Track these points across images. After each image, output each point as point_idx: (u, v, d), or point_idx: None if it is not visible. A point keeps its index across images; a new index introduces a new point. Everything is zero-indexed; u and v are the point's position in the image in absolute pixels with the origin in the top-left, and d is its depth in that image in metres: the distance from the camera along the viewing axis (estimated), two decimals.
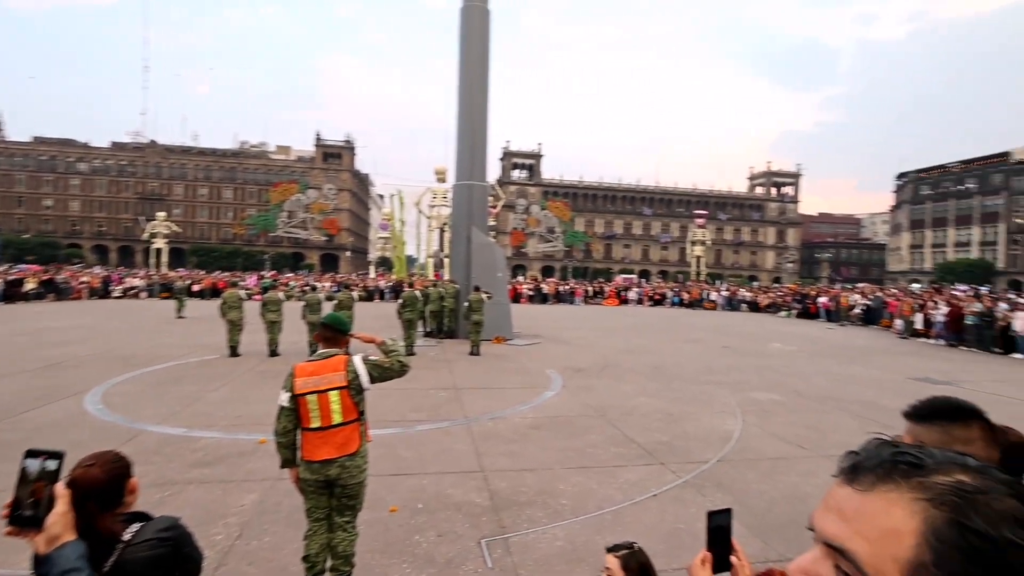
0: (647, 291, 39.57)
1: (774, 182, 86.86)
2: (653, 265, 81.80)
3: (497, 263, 16.37)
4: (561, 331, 18.30)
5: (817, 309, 27.22)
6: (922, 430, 1.41)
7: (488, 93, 16.51)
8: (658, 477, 5.25)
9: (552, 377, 10.06)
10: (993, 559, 0.45)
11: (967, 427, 1.39)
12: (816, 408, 8.23)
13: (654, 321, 24.00)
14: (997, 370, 12.73)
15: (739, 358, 13.20)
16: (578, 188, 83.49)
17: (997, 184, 67.54)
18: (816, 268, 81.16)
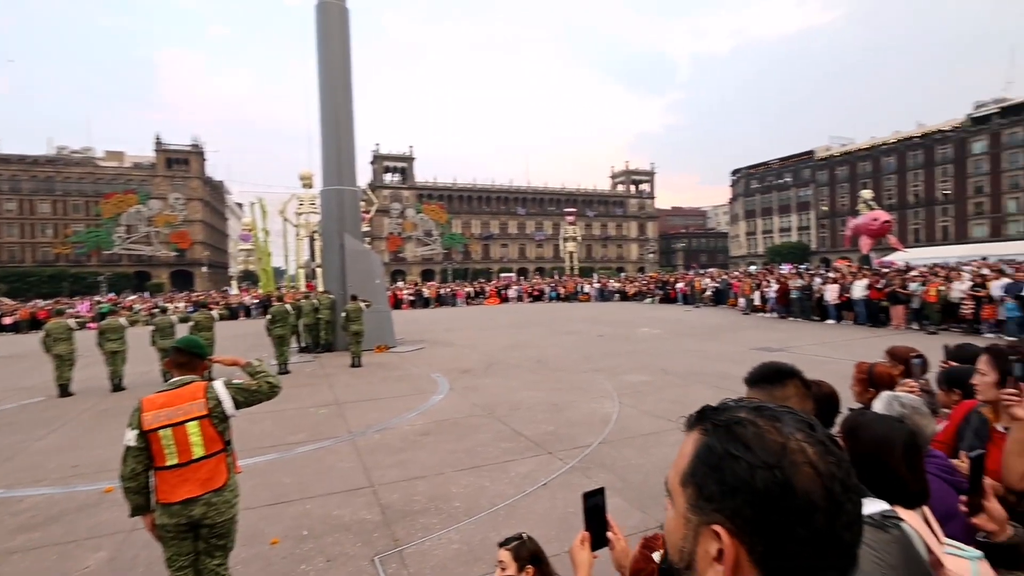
0: (526, 288, 40.81)
1: (633, 180, 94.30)
2: (530, 262, 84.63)
3: (374, 270, 15.85)
4: (445, 334, 18.22)
5: (676, 294, 30.02)
6: (754, 392, 1.74)
7: (352, 94, 15.91)
8: (547, 466, 5.43)
9: (438, 381, 9.98)
10: (716, 465, 0.63)
11: (784, 387, 1.72)
12: (680, 384, 9.07)
13: (534, 316, 24.82)
14: (817, 335, 15.02)
15: (613, 345, 14.12)
16: (453, 190, 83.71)
17: (807, 178, 79.73)
18: (673, 257, 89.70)
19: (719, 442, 0.64)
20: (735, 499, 0.61)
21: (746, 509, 0.60)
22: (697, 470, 0.66)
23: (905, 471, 1.58)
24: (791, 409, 0.68)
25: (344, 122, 15.60)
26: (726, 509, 0.62)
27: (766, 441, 0.62)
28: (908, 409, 2.06)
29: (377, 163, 79.11)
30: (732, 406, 0.69)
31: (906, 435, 1.66)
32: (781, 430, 0.63)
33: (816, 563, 0.60)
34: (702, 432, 0.68)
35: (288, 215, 42.64)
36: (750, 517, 0.60)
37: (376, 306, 14.31)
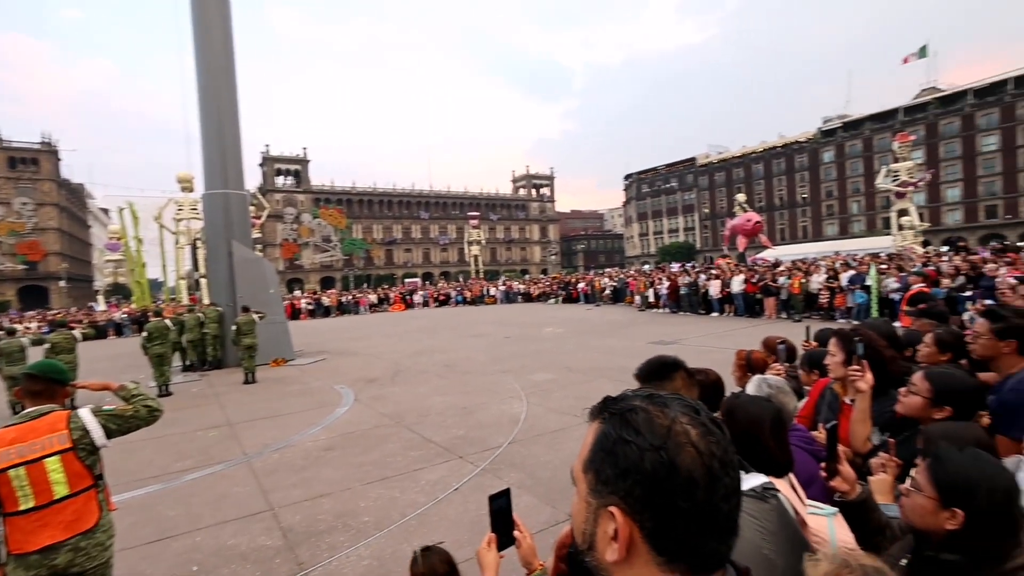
0: (432, 293, 40.39)
1: (534, 184, 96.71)
2: (435, 267, 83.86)
3: (267, 279, 14.88)
4: (348, 343, 17.54)
5: (578, 294, 31.24)
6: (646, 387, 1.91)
7: (236, 91, 14.83)
8: (458, 471, 5.42)
9: (342, 392, 9.58)
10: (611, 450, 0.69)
11: (672, 379, 1.91)
12: (584, 380, 9.46)
13: (441, 321, 24.63)
14: (703, 327, 16.34)
15: (520, 345, 14.39)
16: (352, 194, 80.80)
17: (690, 183, 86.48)
18: (574, 258, 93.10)
19: (614, 429, 0.70)
20: (627, 480, 0.67)
21: (637, 489, 0.66)
22: (596, 456, 0.71)
23: (773, 444, 1.78)
24: (679, 396, 0.75)
25: (229, 121, 14.50)
26: (620, 490, 0.67)
27: (654, 425, 0.68)
28: (774, 389, 2.33)
29: (268, 165, 74.32)
30: (629, 395, 0.75)
31: (773, 412, 1.87)
32: (667, 414, 0.69)
33: (698, 533, 0.66)
34: (601, 421, 0.73)
35: (165, 221, 38.78)
36: (640, 496, 0.66)
37: (271, 317, 13.45)
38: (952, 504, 1.31)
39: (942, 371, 2.21)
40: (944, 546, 1.33)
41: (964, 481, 1.32)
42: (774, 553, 1.21)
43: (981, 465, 1.35)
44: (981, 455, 1.41)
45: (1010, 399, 2.22)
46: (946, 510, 1.32)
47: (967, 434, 1.85)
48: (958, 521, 1.30)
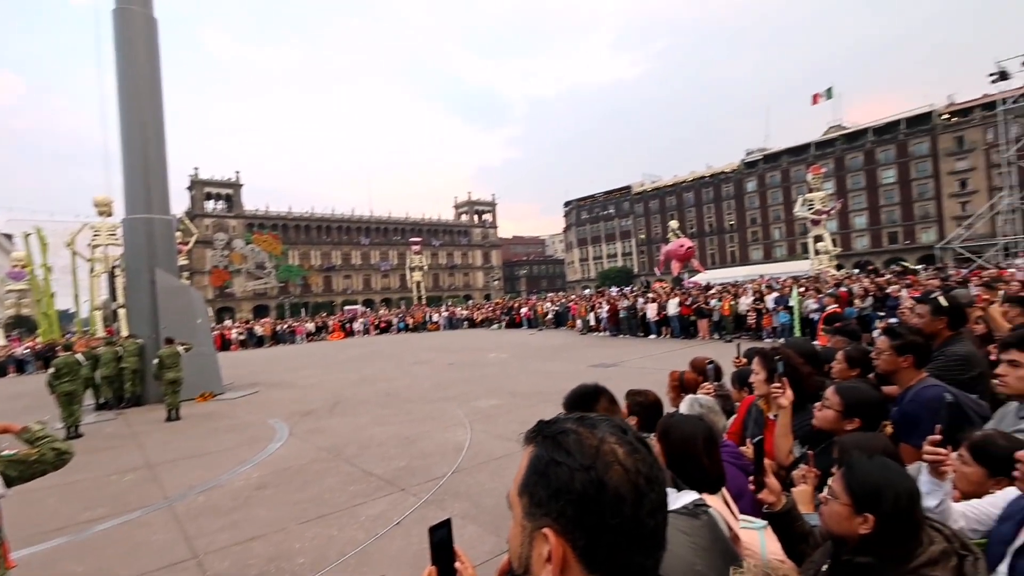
0: (372, 320, 39.46)
1: (476, 210, 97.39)
2: (376, 293, 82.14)
3: (194, 308, 14.07)
4: (283, 374, 16.77)
5: (521, 319, 31.45)
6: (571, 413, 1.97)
7: (163, 112, 14.17)
8: (400, 504, 5.26)
9: (276, 427, 9.12)
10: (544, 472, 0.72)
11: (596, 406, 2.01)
12: (528, 405, 9.47)
13: (383, 349, 24.06)
14: (642, 349, 16.83)
15: (463, 371, 14.26)
16: (288, 219, 78.30)
17: (627, 209, 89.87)
18: (517, 283, 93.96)
19: (546, 451, 0.73)
20: (559, 501, 0.69)
21: (568, 509, 0.68)
22: (529, 479, 0.73)
23: (706, 461, 1.86)
24: (607, 417, 0.79)
25: (154, 141, 13.79)
26: (553, 511, 0.69)
27: (584, 446, 0.71)
28: (705, 408, 2.44)
29: (197, 189, 70.92)
30: (561, 418, 0.78)
31: (705, 431, 1.96)
32: (596, 435, 0.73)
33: (626, 548, 0.69)
34: (535, 445, 0.76)
35: (78, 248, 36.01)
36: (572, 516, 0.68)
37: (198, 349, 12.68)
38: (864, 510, 1.41)
39: (851, 385, 2.40)
40: (858, 550, 1.43)
41: (873, 487, 1.43)
42: (706, 568, 1.26)
43: (887, 472, 1.47)
44: (888, 463, 1.53)
45: (909, 409, 2.43)
46: (859, 515, 1.42)
47: (875, 443, 2.01)
48: (869, 525, 1.40)
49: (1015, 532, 1.57)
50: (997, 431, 1.97)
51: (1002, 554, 1.56)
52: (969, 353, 3.07)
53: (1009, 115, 32.65)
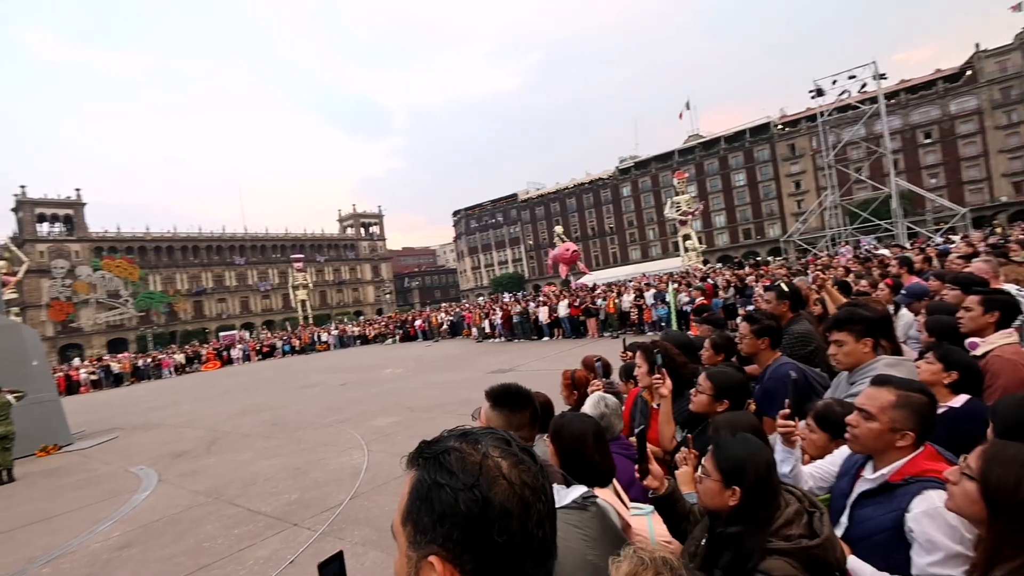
0: (253, 345, 36.57)
1: (362, 223, 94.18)
2: (256, 316, 76.26)
3: (27, 349, 12.07)
4: (148, 414, 14.93)
5: (416, 331, 30.88)
6: (493, 414, 1.96)
7: None
8: (293, 540, 4.89)
9: (141, 475, 8.07)
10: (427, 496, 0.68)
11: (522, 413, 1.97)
12: (428, 418, 9.29)
13: (267, 375, 22.36)
14: (537, 351, 17.28)
15: (357, 391, 13.67)
16: (146, 241, 70.20)
17: (514, 217, 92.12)
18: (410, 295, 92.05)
19: (428, 474, 0.69)
20: (444, 525, 0.66)
21: (455, 532, 0.65)
22: (412, 506, 0.69)
23: (597, 457, 1.94)
24: (492, 429, 0.77)
25: None
26: (439, 537, 0.66)
27: (467, 464, 0.68)
28: (610, 409, 2.55)
29: (26, 210, 61.05)
30: (443, 437, 0.75)
31: (595, 427, 2.04)
32: (479, 450, 0.70)
33: (516, 562, 0.67)
34: (416, 468, 0.72)
35: None
36: (459, 539, 0.65)
37: (34, 396, 10.87)
38: (732, 483, 1.55)
39: (719, 370, 2.64)
40: (729, 521, 1.57)
41: (738, 462, 1.57)
42: (598, 557, 1.31)
43: (749, 447, 1.63)
44: (749, 438, 1.70)
45: (767, 387, 2.74)
46: (728, 489, 1.56)
47: (743, 421, 2.22)
48: (737, 497, 1.54)
49: (850, 486, 1.82)
50: (835, 400, 2.27)
51: (842, 507, 1.80)
52: (806, 331, 3.53)
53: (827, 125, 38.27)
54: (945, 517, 1.43)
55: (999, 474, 1.25)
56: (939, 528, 1.45)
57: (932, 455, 1.64)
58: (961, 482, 1.33)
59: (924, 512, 1.49)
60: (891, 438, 1.66)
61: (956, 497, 1.34)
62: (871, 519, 1.64)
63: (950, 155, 58.75)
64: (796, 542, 1.42)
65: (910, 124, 60.27)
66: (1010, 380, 2.31)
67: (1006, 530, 1.23)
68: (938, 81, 59.80)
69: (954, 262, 6.92)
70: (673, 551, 1.70)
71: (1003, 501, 1.23)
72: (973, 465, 1.31)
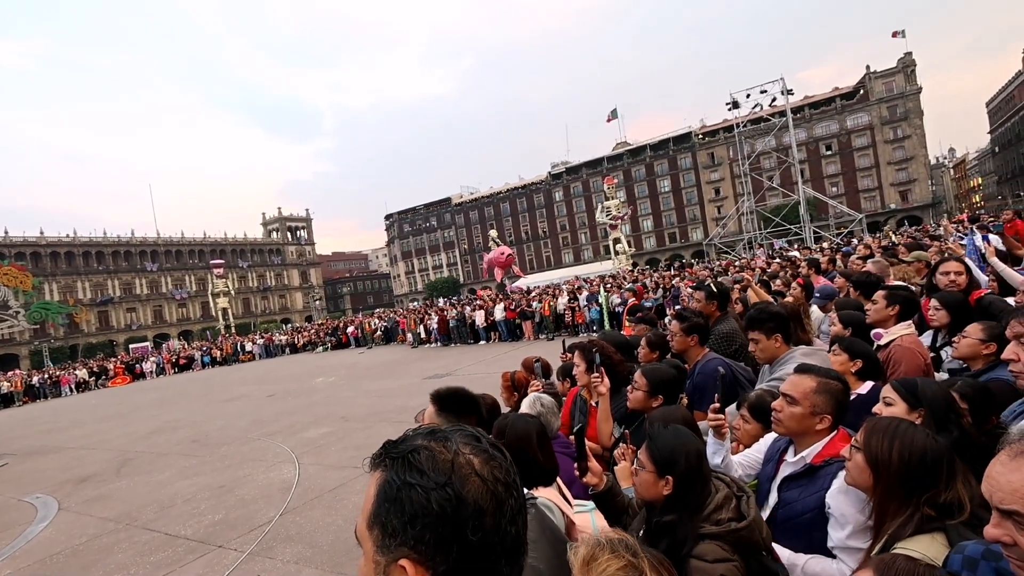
0: (167, 358, 34.07)
1: (288, 227, 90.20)
2: (171, 326, 71.06)
3: None
4: (45, 437, 13.53)
5: (348, 338, 29.93)
6: (440, 419, 1.94)
7: None
8: (218, 563, 4.58)
9: (37, 504, 7.30)
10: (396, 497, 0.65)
11: (469, 419, 1.96)
12: (363, 428, 9.03)
13: (184, 389, 20.88)
14: (474, 355, 17.24)
15: (287, 402, 13.06)
16: (40, 245, 63.71)
17: (448, 221, 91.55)
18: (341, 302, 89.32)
19: (398, 474, 0.66)
20: (416, 527, 0.63)
21: (427, 533, 0.63)
22: (380, 509, 0.66)
23: (540, 457, 1.95)
24: (461, 426, 0.74)
25: None
26: (410, 539, 0.63)
27: (437, 462, 0.66)
28: (546, 408, 2.58)
29: None
30: (410, 435, 0.71)
31: (538, 427, 2.06)
32: (449, 447, 0.68)
33: (490, 560, 0.66)
34: (383, 469, 0.68)
35: None
36: (431, 540, 0.63)
37: None
38: (665, 473, 1.62)
39: (653, 367, 2.75)
40: (664, 510, 1.63)
41: (670, 453, 1.64)
42: (537, 560, 1.31)
43: (680, 437, 1.70)
44: (680, 429, 1.78)
45: (697, 382, 2.87)
46: (662, 479, 1.62)
47: (677, 415, 2.32)
48: (670, 486, 1.60)
49: (775, 470, 1.94)
50: (767, 391, 2.42)
51: (768, 490, 1.92)
52: (732, 330, 3.75)
53: (742, 136, 40.91)
54: (856, 492, 1.56)
55: (876, 441, 1.44)
56: (850, 502, 1.57)
57: (845, 437, 1.78)
58: (853, 456, 1.50)
59: (838, 488, 1.62)
60: (812, 422, 1.80)
61: (851, 471, 1.51)
62: (797, 501, 1.77)
63: (848, 166, 64.52)
64: (725, 525, 1.49)
65: (814, 137, 65.61)
66: (910, 366, 2.57)
67: (887, 489, 1.41)
68: (836, 98, 65.52)
69: (855, 263, 7.59)
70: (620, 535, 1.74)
71: (881, 463, 1.41)
72: (860, 438, 1.49)
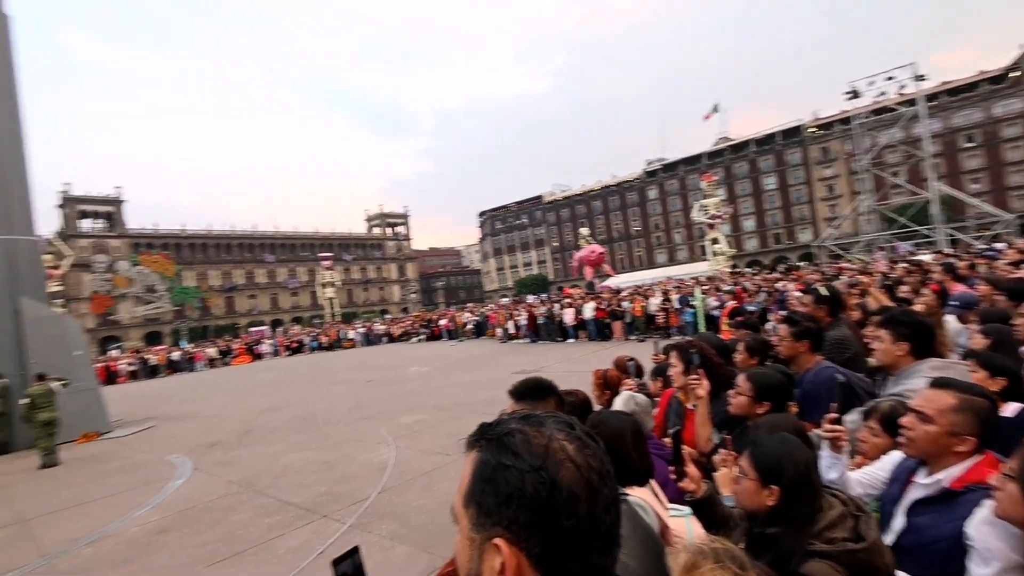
0: (282, 341, 37.33)
1: (388, 223, 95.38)
2: (285, 313, 77.86)
3: (70, 339, 12.54)
4: (183, 405, 15.37)
5: (440, 331, 31.09)
6: (519, 406, 1.96)
7: (22, 120, 12.59)
8: (322, 532, 4.97)
9: (177, 463, 8.31)
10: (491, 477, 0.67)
11: (546, 401, 1.96)
12: (453, 417, 9.35)
13: (295, 371, 22.79)
14: (561, 353, 17.22)
15: (383, 389, 13.82)
16: (181, 238, 72.37)
17: (539, 218, 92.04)
18: (434, 295, 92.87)
19: (492, 455, 0.68)
20: (510, 507, 0.64)
21: (521, 514, 0.64)
22: (475, 487, 0.68)
23: (635, 455, 1.91)
24: (554, 413, 0.76)
25: (11, 154, 12.20)
26: (504, 519, 0.65)
27: (532, 445, 0.67)
28: (641, 407, 2.53)
29: (69, 207, 63.61)
30: (504, 419, 0.74)
31: (633, 425, 2.02)
32: (544, 433, 0.69)
33: (584, 549, 0.66)
34: (478, 450, 0.70)
35: None
36: (525, 522, 0.64)
37: (77, 384, 11.31)
38: (769, 482, 1.52)
39: (760, 371, 2.59)
40: (768, 521, 1.53)
41: (775, 460, 1.53)
42: (628, 556, 1.29)
43: (787, 446, 1.59)
44: (787, 437, 1.66)
45: (809, 390, 2.67)
46: (765, 488, 1.52)
47: (785, 423, 2.17)
48: (775, 497, 1.50)
49: (901, 491, 1.76)
50: (899, 402, 2.17)
51: (892, 513, 1.74)
52: (844, 336, 3.43)
53: (862, 128, 37.22)
54: (1006, 526, 1.37)
55: None
56: (1000, 536, 1.39)
57: (993, 463, 1.57)
58: (1005, 485, 1.29)
59: (985, 519, 1.43)
60: (949, 442, 1.60)
61: (1002, 502, 1.31)
62: (930, 527, 1.59)
63: (993, 160, 56.57)
64: (840, 545, 1.38)
65: (951, 127, 58.25)
66: None
67: None
68: (981, 83, 57.65)
69: (1003, 268, 6.65)
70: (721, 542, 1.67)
71: None
72: (1014, 466, 1.27)
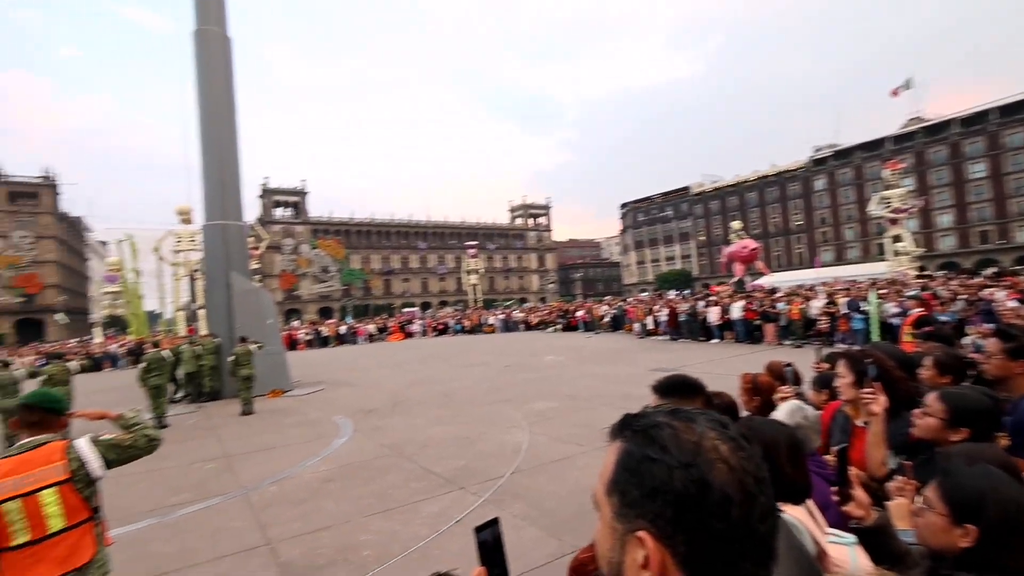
0: (430, 322, 40.26)
1: (530, 214, 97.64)
2: (433, 296, 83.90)
3: (265, 309, 14.84)
4: (346, 374, 17.38)
5: (577, 322, 31.16)
6: (663, 402, 1.87)
7: (236, 125, 15.07)
8: (460, 502, 5.30)
9: (340, 424, 9.45)
10: (636, 469, 0.65)
11: (693, 399, 1.85)
12: (587, 407, 9.34)
13: (439, 350, 24.47)
14: (704, 353, 16.25)
15: (519, 374, 14.26)
16: (350, 225, 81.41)
17: (685, 211, 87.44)
18: (572, 286, 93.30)
19: (638, 447, 0.66)
20: (656, 502, 0.62)
21: (667, 510, 0.61)
22: (619, 477, 0.66)
23: (790, 469, 1.73)
24: (704, 410, 0.71)
25: (228, 154, 14.69)
26: (648, 513, 0.62)
27: (681, 441, 0.64)
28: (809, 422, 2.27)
29: (267, 198, 75.10)
30: (651, 412, 0.71)
31: (788, 436, 1.83)
32: (695, 429, 0.65)
33: (734, 556, 0.61)
34: (623, 440, 0.69)
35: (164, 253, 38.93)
36: (671, 518, 0.61)
37: (268, 348, 13.36)
38: (964, 520, 1.28)
39: (958, 391, 2.18)
40: (960, 564, 1.29)
41: (975, 495, 1.29)
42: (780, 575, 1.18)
43: (992, 479, 1.32)
44: (992, 469, 1.38)
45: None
46: (959, 527, 1.28)
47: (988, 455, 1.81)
48: (972, 538, 1.26)
49: None
50: None
51: None
52: None
53: None
54: None
55: None
56: None
57: None
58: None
59: None
60: None
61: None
62: None
63: None
64: None
65: None
66: None
67: None
68: None
69: None
70: None
71: None
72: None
